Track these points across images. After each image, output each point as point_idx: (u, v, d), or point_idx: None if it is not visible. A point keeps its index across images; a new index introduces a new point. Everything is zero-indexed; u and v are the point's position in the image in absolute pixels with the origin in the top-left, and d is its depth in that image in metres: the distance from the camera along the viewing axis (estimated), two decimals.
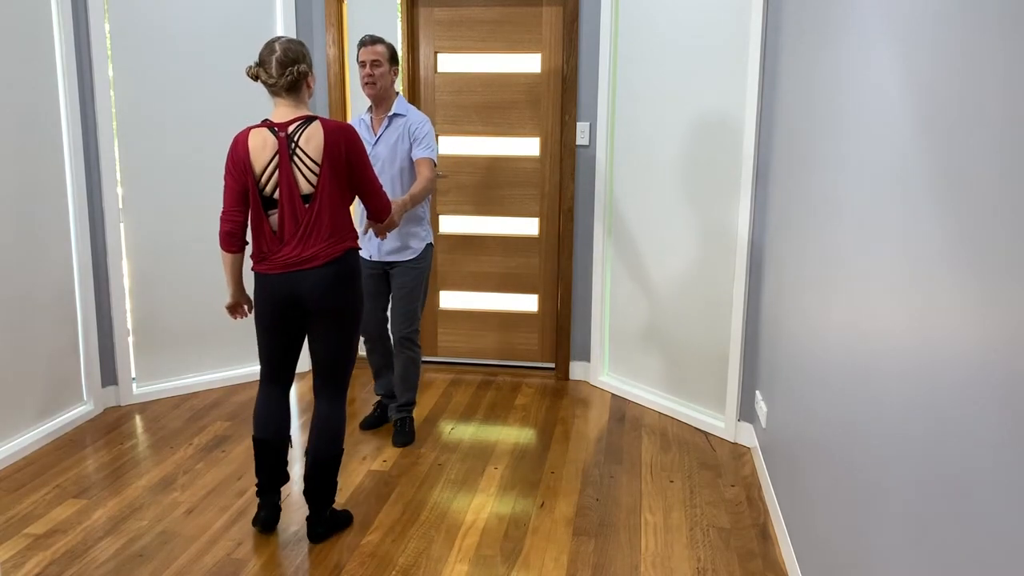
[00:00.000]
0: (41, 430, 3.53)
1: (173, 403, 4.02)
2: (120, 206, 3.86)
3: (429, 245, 3.51)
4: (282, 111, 2.62)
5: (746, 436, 3.59)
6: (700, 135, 3.64)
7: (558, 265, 4.36)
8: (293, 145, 2.57)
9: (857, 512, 1.87)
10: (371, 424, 3.73)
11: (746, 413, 3.60)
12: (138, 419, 3.81)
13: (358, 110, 4.32)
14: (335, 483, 2.81)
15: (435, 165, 3.36)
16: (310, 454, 2.77)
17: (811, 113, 2.57)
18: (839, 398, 2.08)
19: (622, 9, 3.96)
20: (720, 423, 3.70)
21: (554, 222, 4.35)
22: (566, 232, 4.28)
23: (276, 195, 2.60)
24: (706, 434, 3.72)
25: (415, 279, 3.48)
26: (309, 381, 4.35)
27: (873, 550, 1.74)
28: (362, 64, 3.32)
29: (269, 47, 2.58)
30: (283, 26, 4.14)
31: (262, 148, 2.57)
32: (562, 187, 4.24)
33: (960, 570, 1.27)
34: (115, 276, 3.87)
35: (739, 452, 3.53)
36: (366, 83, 3.33)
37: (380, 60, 3.30)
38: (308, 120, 2.59)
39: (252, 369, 4.33)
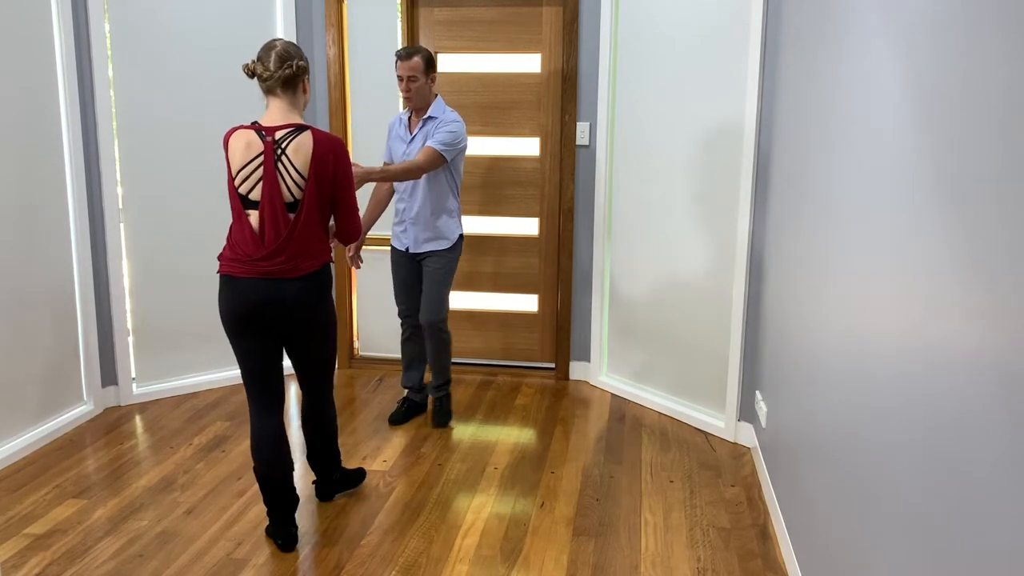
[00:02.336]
0: (41, 430, 3.53)
1: (173, 403, 4.02)
2: (120, 206, 3.86)
3: (461, 236, 3.65)
4: (273, 114, 2.56)
5: (746, 436, 3.59)
6: (700, 135, 3.64)
7: (558, 265, 4.36)
8: (279, 152, 2.50)
9: (857, 512, 1.87)
10: (400, 418, 3.82)
11: (746, 413, 3.60)
12: (138, 419, 3.81)
13: (358, 110, 4.33)
14: (337, 450, 3.02)
15: (442, 159, 3.40)
16: (308, 437, 2.93)
17: (811, 113, 2.57)
18: (839, 398, 2.08)
19: (622, 9, 3.96)
20: (720, 423, 3.70)
21: (554, 222, 4.35)
22: (566, 232, 4.28)
23: (251, 196, 2.54)
24: (706, 434, 3.72)
25: (445, 265, 3.61)
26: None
27: (873, 550, 1.74)
28: (399, 78, 3.43)
29: (269, 44, 2.57)
30: (283, 26, 4.14)
31: (244, 149, 2.51)
32: (562, 187, 4.24)
33: (960, 570, 1.27)
34: (115, 276, 3.87)
35: (739, 452, 3.53)
36: (405, 97, 3.45)
37: (416, 75, 3.40)
38: (299, 129, 2.53)
39: None
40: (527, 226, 4.39)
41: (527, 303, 4.48)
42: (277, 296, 2.56)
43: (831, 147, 2.27)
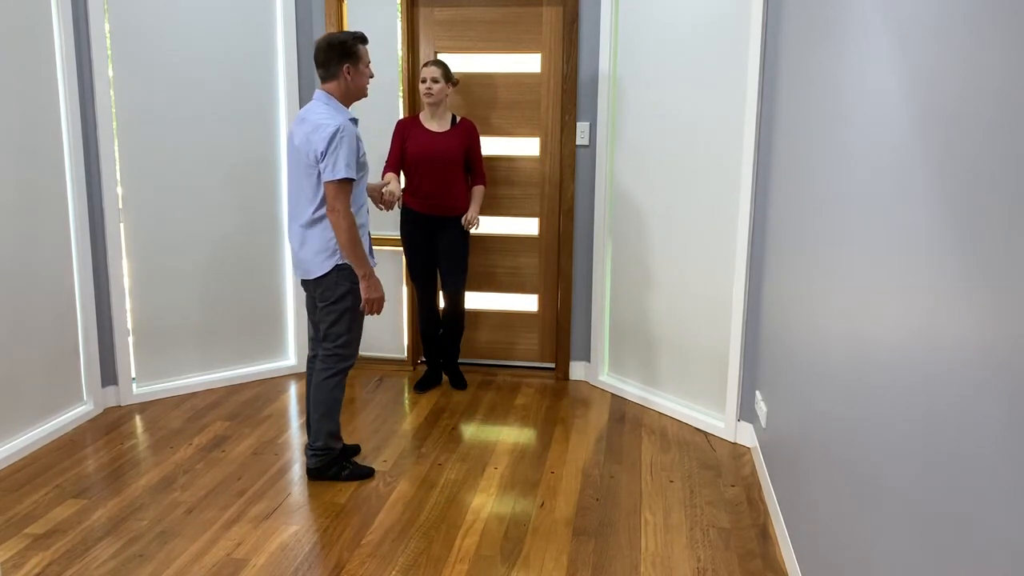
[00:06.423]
0: (41, 430, 3.53)
1: (173, 403, 4.02)
2: (120, 206, 3.86)
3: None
4: None
5: (746, 436, 3.59)
6: (700, 135, 3.64)
7: (558, 265, 4.36)
8: None
9: (857, 512, 1.87)
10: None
11: (746, 413, 3.60)
12: (138, 419, 3.81)
13: (357, 109, 4.32)
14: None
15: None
16: None
17: (811, 112, 2.57)
18: (839, 398, 2.08)
19: (622, 9, 3.96)
20: (720, 423, 3.70)
21: (554, 222, 4.35)
22: (566, 232, 4.28)
23: None
24: (706, 434, 3.72)
25: None
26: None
27: (873, 550, 1.74)
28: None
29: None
30: (283, 26, 4.14)
31: None
32: (562, 187, 4.24)
33: (960, 570, 1.27)
34: (115, 276, 3.87)
35: (739, 452, 3.53)
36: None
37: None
38: None
39: (252, 369, 4.33)
40: (527, 226, 4.39)
41: (527, 303, 4.48)
42: None
43: (831, 146, 2.27)
